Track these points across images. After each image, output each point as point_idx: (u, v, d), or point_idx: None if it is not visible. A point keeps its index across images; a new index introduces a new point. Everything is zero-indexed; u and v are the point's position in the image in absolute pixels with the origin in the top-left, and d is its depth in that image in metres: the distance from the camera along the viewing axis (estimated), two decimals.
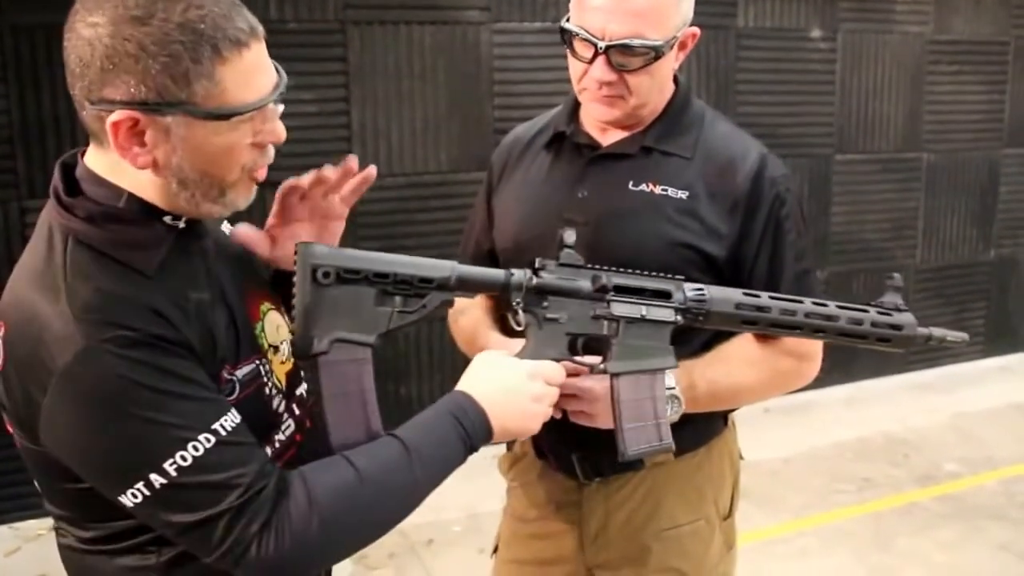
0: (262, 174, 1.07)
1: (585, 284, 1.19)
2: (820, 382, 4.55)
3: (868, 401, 4.66)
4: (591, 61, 1.31)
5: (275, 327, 1.17)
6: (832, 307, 1.27)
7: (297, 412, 1.18)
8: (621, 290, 1.20)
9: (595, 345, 1.21)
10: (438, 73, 3.69)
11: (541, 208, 1.43)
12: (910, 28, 4.66)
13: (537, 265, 1.18)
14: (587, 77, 1.33)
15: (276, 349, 1.16)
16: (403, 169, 3.63)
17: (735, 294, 1.24)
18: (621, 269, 1.21)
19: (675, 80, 1.45)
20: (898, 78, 4.70)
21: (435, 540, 3.19)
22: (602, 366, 1.21)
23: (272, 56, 1.06)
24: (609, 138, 1.42)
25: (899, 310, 1.31)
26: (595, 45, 1.28)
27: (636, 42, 1.27)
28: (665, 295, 1.22)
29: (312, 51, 3.50)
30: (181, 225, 1.05)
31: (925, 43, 4.72)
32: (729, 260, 1.38)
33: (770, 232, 1.39)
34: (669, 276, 1.24)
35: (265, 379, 1.11)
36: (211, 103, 0.96)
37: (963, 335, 1.35)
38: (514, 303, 1.16)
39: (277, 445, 1.12)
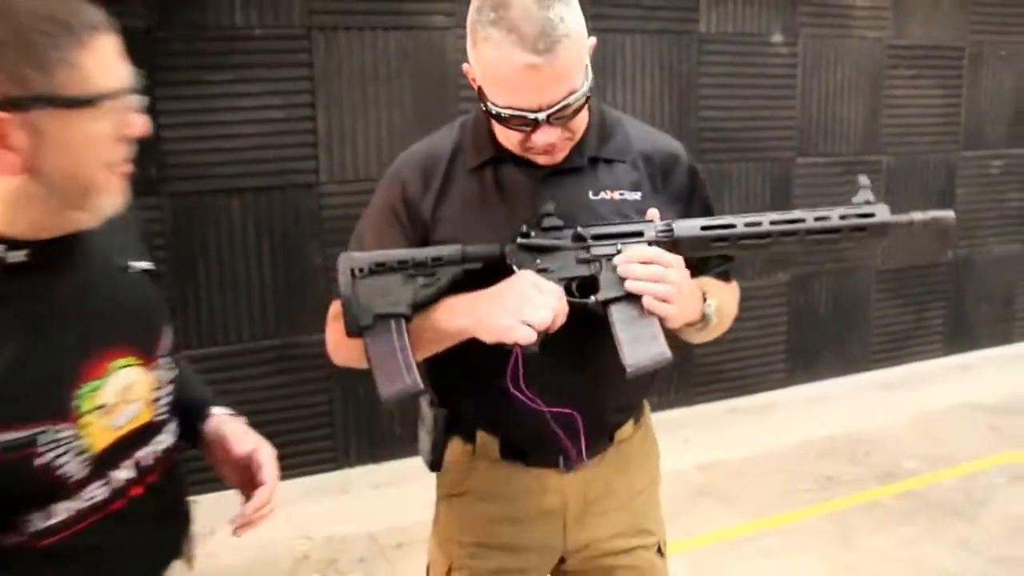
0: (124, 170, 1.05)
1: (567, 238, 1.34)
2: (784, 382, 4.68)
3: (832, 400, 4.68)
4: (532, 131, 1.30)
5: (123, 387, 1.12)
6: (796, 211, 1.31)
7: (122, 476, 1.12)
8: (599, 237, 1.34)
9: (587, 285, 1.33)
10: (403, 78, 3.65)
11: (504, 228, 1.39)
12: (869, 33, 4.68)
13: (524, 231, 1.33)
14: (531, 144, 1.32)
15: (108, 410, 1.09)
16: (369, 174, 3.59)
17: (700, 220, 1.34)
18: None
19: None
20: (858, 82, 4.72)
21: (404, 544, 3.16)
22: (593, 299, 1.31)
23: (238, 63, 1.06)
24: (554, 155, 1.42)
25: (869, 203, 1.30)
26: (535, 120, 1.27)
27: (572, 99, 1.27)
28: (637, 234, 1.34)
29: (277, 57, 3.45)
30: (18, 258, 1.00)
31: (884, 48, 4.74)
32: None
33: (700, 208, 1.49)
34: (640, 220, 1.36)
35: (47, 448, 1.02)
36: (74, 89, 0.95)
37: (949, 213, 1.29)
38: (511, 265, 1.33)
39: (65, 515, 1.06)
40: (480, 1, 1.25)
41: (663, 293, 1.28)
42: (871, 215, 1.28)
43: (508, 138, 1.36)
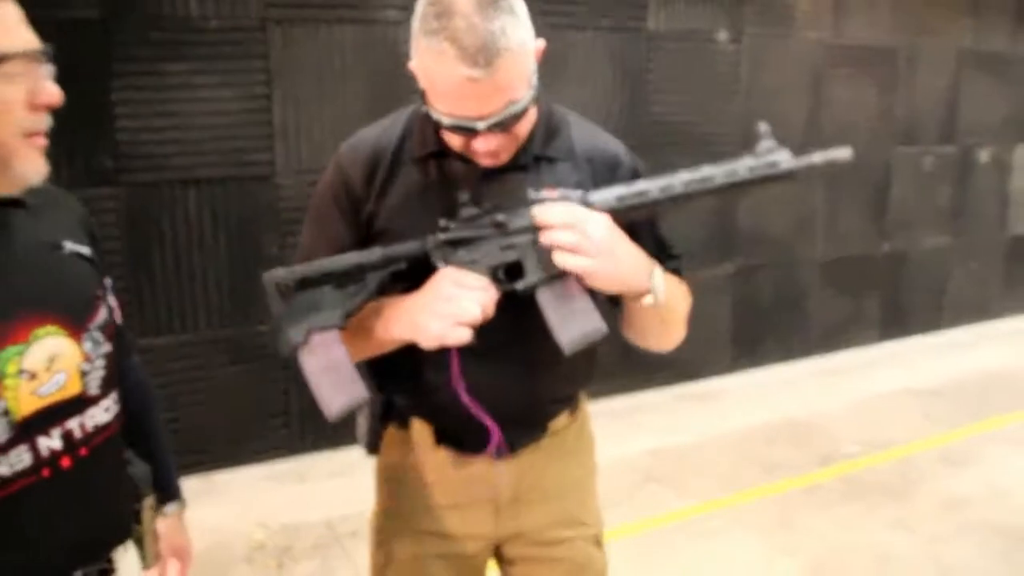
0: (40, 140, 1.08)
1: (486, 227, 1.32)
2: (729, 368, 4.78)
3: (774, 387, 4.81)
4: (474, 137, 1.29)
5: (47, 355, 1.13)
6: (705, 168, 1.31)
7: (51, 445, 1.14)
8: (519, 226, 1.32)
9: (515, 271, 1.32)
10: (358, 71, 3.67)
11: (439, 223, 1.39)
12: (810, 33, 4.80)
13: (442, 225, 1.32)
14: (473, 150, 1.32)
15: (32, 376, 1.11)
16: (324, 165, 3.53)
17: (615, 188, 1.32)
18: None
19: None
20: (799, 80, 4.85)
21: (360, 531, 3.18)
22: (521, 284, 1.30)
23: (193, 55, 1.09)
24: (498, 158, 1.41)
25: (771, 151, 1.30)
26: (475, 130, 1.26)
27: (512, 109, 1.25)
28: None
29: (234, 49, 3.44)
30: None
31: (824, 48, 4.87)
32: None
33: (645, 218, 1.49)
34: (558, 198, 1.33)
35: None
36: None
37: (845, 150, 1.30)
38: (435, 262, 1.32)
39: None
40: (424, 8, 1.24)
41: (571, 242, 1.25)
42: (776, 163, 1.30)
43: (453, 142, 1.36)
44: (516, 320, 1.33)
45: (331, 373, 1.29)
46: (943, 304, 5.71)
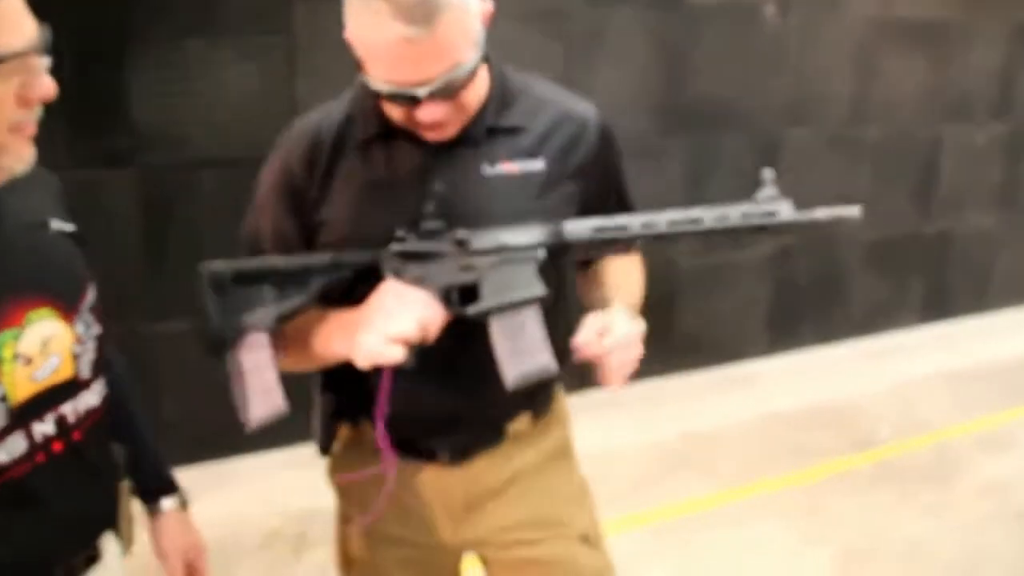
0: (30, 131, 1.05)
1: (445, 243, 1.24)
2: (766, 351, 4.70)
3: (811, 370, 4.70)
4: (415, 107, 1.19)
5: (42, 338, 1.11)
6: (695, 210, 1.24)
7: (44, 430, 1.13)
8: (482, 248, 1.25)
9: (469, 294, 1.24)
10: None
11: (390, 209, 1.29)
12: (859, 7, 4.62)
13: (399, 235, 1.25)
14: (416, 122, 1.22)
15: (28, 361, 1.09)
16: None
17: (592, 220, 1.25)
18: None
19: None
20: (847, 56, 4.68)
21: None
22: (471, 309, 1.23)
23: (212, 30, 1.04)
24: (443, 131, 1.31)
25: (772, 200, 1.23)
26: (416, 98, 1.16)
27: (456, 74, 1.15)
28: (525, 247, 1.25)
29: (255, 24, 3.31)
30: None
31: (874, 22, 4.69)
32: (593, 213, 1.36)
33: (614, 178, 1.45)
34: (528, 224, 1.26)
35: None
36: None
37: (854, 208, 1.22)
38: (385, 273, 1.25)
39: None
40: None
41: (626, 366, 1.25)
42: (773, 213, 1.22)
43: (394, 113, 1.25)
44: (463, 336, 1.26)
45: (253, 379, 1.24)
46: (989, 286, 5.53)
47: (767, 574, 2.97)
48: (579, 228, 1.25)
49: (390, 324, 1.18)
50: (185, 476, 1.54)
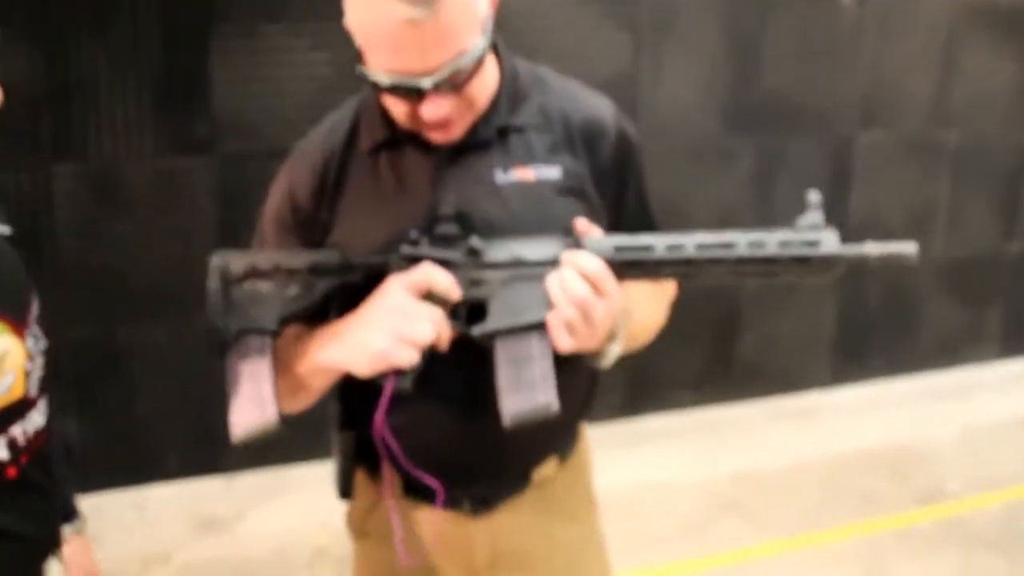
0: None
1: (459, 252, 1.14)
2: (830, 381, 4.37)
3: (877, 406, 4.37)
4: (419, 102, 1.09)
5: None
6: (728, 233, 1.10)
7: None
8: (497, 261, 1.15)
9: (479, 311, 1.14)
10: None
11: (400, 222, 1.19)
12: None
13: (412, 237, 1.15)
14: (419, 113, 1.11)
15: None
16: None
17: (614, 238, 1.13)
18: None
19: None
20: (929, 48, 4.30)
21: None
22: (475, 330, 1.12)
23: (287, 15, 0.82)
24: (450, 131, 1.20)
25: (815, 228, 1.08)
26: (419, 90, 1.06)
27: (462, 62, 1.06)
28: (541, 262, 1.14)
29: (327, 10, 3.14)
30: None
31: (959, 9, 4.29)
32: (610, 223, 1.25)
33: (633, 184, 1.31)
34: (547, 235, 1.16)
35: None
36: None
37: (910, 245, 1.07)
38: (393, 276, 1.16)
39: None
40: None
41: (573, 320, 1.07)
42: (816, 243, 1.07)
43: (399, 114, 1.16)
44: (483, 360, 1.14)
45: (250, 384, 1.14)
46: None
47: None
48: (600, 245, 1.12)
49: (403, 322, 1.08)
50: (246, 482, 1.41)
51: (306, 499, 3.25)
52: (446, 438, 1.23)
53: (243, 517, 3.29)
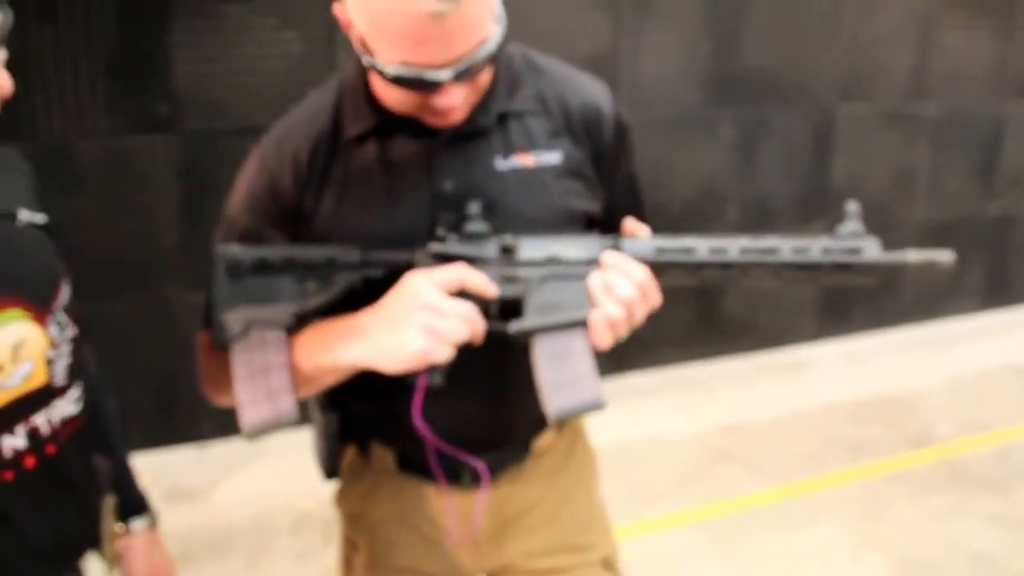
0: None
1: (491, 248, 1.10)
2: (815, 336, 4.40)
3: (863, 358, 4.38)
4: (431, 92, 1.03)
5: (14, 342, 1.00)
6: (771, 238, 1.08)
7: (15, 444, 1.03)
8: (532, 257, 1.11)
9: (512, 308, 1.10)
10: None
11: (400, 211, 1.14)
12: None
13: (439, 234, 1.10)
14: (431, 108, 1.05)
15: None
16: None
17: (654, 241, 1.11)
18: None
19: None
20: (906, 26, 4.31)
21: None
22: (513, 326, 1.08)
23: None
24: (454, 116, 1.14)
25: (856, 236, 1.08)
26: (437, 83, 1.00)
27: (483, 52, 1.00)
28: (579, 261, 1.11)
29: None
30: None
31: None
32: (603, 207, 1.25)
33: (625, 165, 1.28)
34: (584, 236, 1.14)
35: None
36: None
37: (947, 253, 1.06)
38: None
39: None
40: None
41: (619, 320, 1.06)
42: (858, 250, 1.06)
43: (400, 101, 1.09)
44: (487, 344, 1.10)
45: (262, 379, 1.07)
46: None
47: None
48: (640, 247, 1.10)
49: (438, 321, 1.02)
50: (220, 451, 1.38)
51: (285, 466, 3.20)
52: (458, 418, 1.21)
53: (217, 486, 3.20)
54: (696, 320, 4.15)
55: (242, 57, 3.16)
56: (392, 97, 1.11)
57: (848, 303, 4.53)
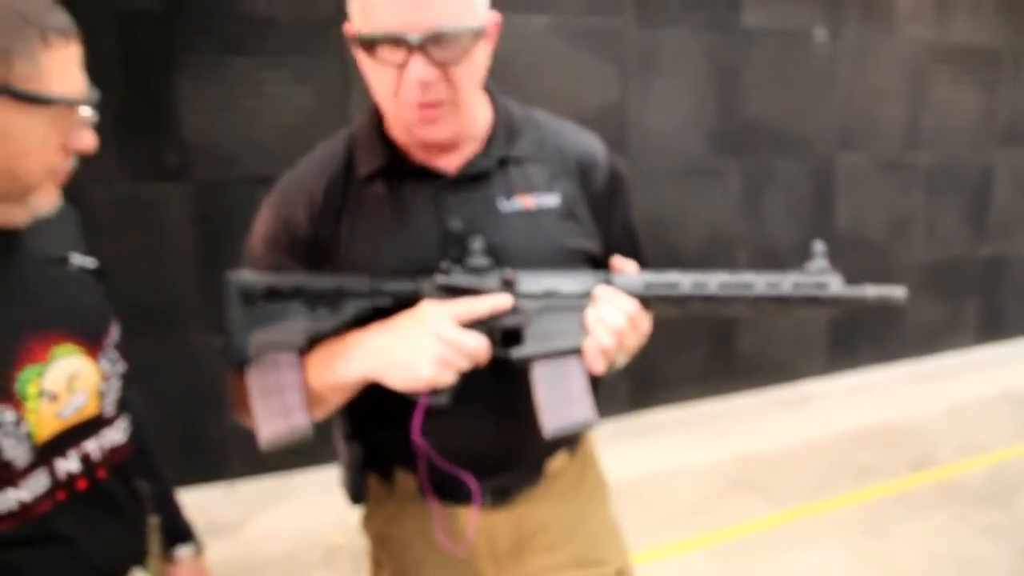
0: (63, 178, 1.03)
1: (493, 281, 1.16)
2: (824, 371, 4.54)
3: (867, 390, 4.55)
4: (404, 64, 1.06)
5: (68, 375, 1.06)
6: (747, 274, 1.18)
7: (68, 468, 1.07)
8: (531, 291, 1.18)
9: (513, 336, 1.18)
10: None
11: (402, 252, 1.19)
12: (910, 32, 4.51)
13: (443, 267, 1.16)
14: (404, 84, 1.08)
15: (54, 398, 1.04)
16: None
17: (643, 276, 1.19)
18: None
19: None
20: (899, 81, 4.56)
21: None
22: (515, 353, 1.16)
23: (262, 49, 1.00)
24: (447, 162, 1.22)
25: (823, 272, 1.18)
26: (406, 42, 1.04)
27: (451, 27, 1.05)
28: (573, 294, 1.19)
29: (308, 43, 3.26)
30: None
31: (925, 47, 4.57)
32: (601, 251, 1.31)
33: (621, 212, 1.35)
34: (578, 271, 1.21)
35: None
36: (31, 86, 0.91)
37: (900, 289, 1.17)
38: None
39: (10, 504, 1.00)
40: None
41: (610, 348, 1.14)
42: (824, 285, 1.17)
43: (381, 87, 1.12)
44: (503, 371, 1.18)
45: (276, 397, 1.13)
46: None
47: None
48: (629, 282, 1.19)
49: (451, 352, 1.10)
50: (249, 489, 1.45)
51: (314, 502, 3.26)
52: (471, 439, 1.25)
53: (248, 521, 3.23)
54: (712, 359, 4.28)
55: (251, 109, 3.22)
56: (378, 87, 1.13)
57: (855, 340, 4.70)
